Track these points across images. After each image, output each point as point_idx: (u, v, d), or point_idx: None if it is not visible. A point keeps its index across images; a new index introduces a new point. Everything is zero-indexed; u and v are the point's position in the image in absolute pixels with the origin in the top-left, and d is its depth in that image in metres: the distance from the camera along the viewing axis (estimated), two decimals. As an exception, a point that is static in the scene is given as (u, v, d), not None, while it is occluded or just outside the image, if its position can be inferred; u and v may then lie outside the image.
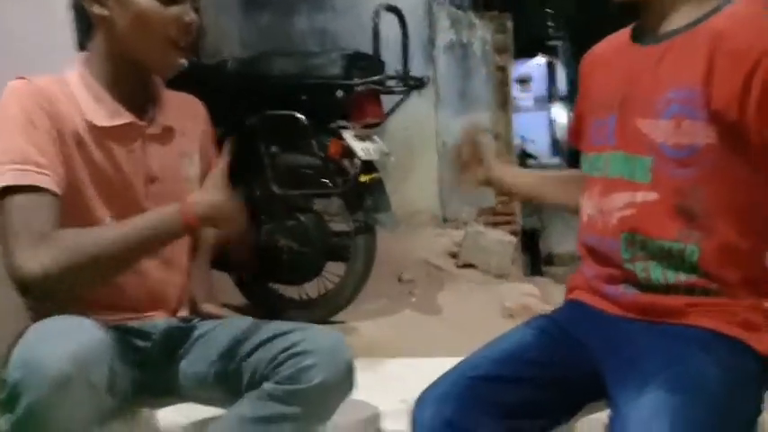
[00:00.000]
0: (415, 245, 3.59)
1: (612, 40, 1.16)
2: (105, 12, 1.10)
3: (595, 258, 1.09)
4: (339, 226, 2.48)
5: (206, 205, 1.07)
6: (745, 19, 0.94)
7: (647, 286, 1.01)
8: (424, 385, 1.03)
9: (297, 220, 2.39)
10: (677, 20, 1.00)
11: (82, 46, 1.21)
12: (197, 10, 1.15)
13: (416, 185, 4.08)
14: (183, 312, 1.28)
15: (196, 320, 1.27)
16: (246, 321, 1.21)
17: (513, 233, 3.91)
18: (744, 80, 0.90)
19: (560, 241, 4.77)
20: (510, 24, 4.05)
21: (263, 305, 2.56)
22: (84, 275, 1.02)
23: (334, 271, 2.47)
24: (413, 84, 2.37)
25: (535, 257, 4.52)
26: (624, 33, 1.12)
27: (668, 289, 0.99)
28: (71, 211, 1.07)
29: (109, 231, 1.04)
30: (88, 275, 1.03)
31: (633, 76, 1.04)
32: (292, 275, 2.45)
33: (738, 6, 0.97)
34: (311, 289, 2.49)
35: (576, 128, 1.22)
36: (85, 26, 1.16)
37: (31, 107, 1.06)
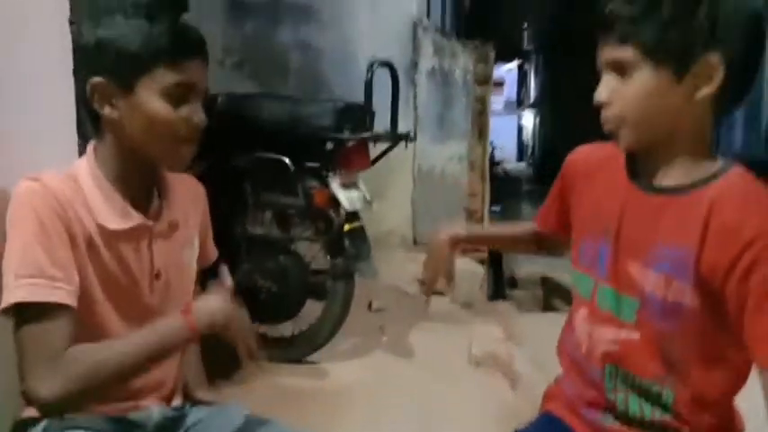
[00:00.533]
0: (386, 269, 3.64)
1: (603, 159, 1.16)
2: (115, 114, 1.11)
3: (579, 377, 1.16)
4: (318, 263, 2.51)
5: (207, 313, 1.09)
6: (739, 196, 0.97)
7: (624, 418, 1.09)
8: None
9: (277, 261, 2.43)
10: (674, 175, 1.03)
11: (83, 134, 1.21)
12: (203, 102, 1.17)
13: (390, 207, 4.13)
14: (177, 399, 1.32)
15: (188, 406, 1.31)
16: (238, 417, 1.25)
17: (481, 261, 4.01)
18: (731, 258, 0.94)
19: (523, 263, 4.90)
20: (492, 55, 4.11)
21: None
22: (93, 392, 1.05)
23: (310, 310, 2.50)
24: (399, 138, 2.42)
25: (498, 280, 4.63)
26: (617, 155, 1.12)
27: (643, 424, 1.07)
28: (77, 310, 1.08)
29: (119, 349, 1.05)
30: (98, 391, 1.06)
31: (629, 217, 1.08)
32: (270, 315, 2.47)
33: (733, 178, 1.00)
34: (286, 328, 2.53)
35: (547, 215, 1.30)
36: (93, 121, 1.16)
37: (45, 212, 1.05)
